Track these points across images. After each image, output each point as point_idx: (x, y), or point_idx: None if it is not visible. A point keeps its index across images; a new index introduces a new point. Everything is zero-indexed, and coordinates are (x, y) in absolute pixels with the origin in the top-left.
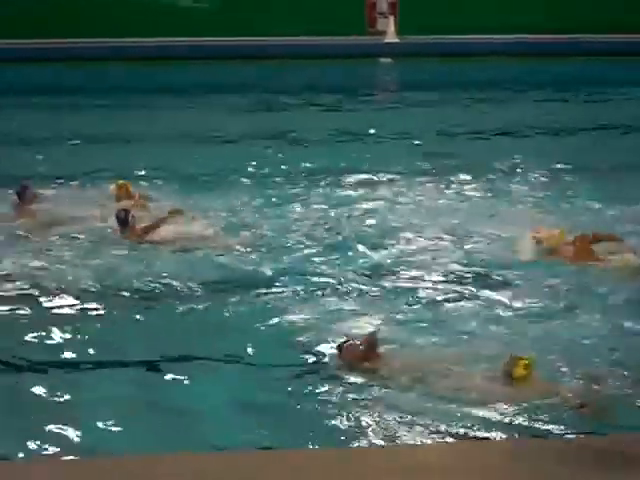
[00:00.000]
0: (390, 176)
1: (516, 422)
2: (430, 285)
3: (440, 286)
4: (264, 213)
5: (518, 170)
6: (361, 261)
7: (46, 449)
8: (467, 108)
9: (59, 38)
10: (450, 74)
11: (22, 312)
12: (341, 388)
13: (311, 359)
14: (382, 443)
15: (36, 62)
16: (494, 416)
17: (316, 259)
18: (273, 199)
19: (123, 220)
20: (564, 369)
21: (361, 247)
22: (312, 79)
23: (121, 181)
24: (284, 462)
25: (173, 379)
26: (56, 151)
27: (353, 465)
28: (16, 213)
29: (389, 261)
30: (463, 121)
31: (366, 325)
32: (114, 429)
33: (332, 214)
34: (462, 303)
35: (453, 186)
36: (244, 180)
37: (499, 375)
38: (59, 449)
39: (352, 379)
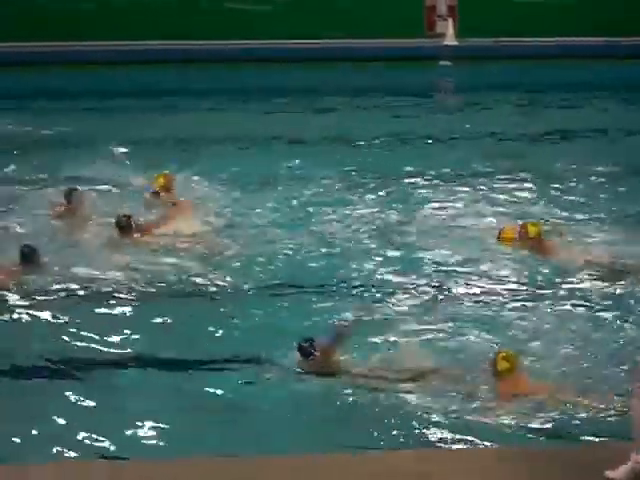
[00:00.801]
0: (445, 178)
1: (501, 421)
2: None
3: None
4: (313, 215)
5: (573, 173)
6: (396, 262)
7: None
8: (525, 110)
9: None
10: (509, 76)
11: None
12: (335, 390)
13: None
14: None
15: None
16: (481, 415)
17: (352, 262)
18: (326, 201)
19: (124, 226)
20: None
21: (402, 249)
22: (369, 81)
23: (165, 172)
24: (277, 467)
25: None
26: (103, 153)
27: (351, 471)
28: (62, 214)
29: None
30: (521, 123)
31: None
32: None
33: (381, 217)
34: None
35: (508, 188)
36: (296, 182)
37: (486, 370)
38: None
39: (344, 381)
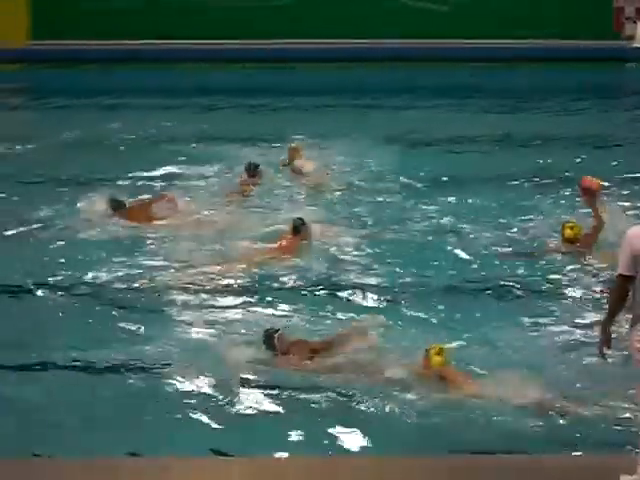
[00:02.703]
0: (626, 184)
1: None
2: None
3: None
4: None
5: None
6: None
7: None
8: None
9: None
10: None
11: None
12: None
13: None
14: None
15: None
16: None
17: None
18: (484, 203)
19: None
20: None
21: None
22: (553, 81)
23: (294, 144)
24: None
25: None
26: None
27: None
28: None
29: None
30: None
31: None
32: None
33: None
34: None
35: None
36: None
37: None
38: None
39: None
